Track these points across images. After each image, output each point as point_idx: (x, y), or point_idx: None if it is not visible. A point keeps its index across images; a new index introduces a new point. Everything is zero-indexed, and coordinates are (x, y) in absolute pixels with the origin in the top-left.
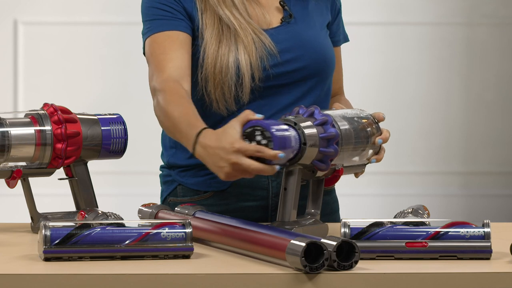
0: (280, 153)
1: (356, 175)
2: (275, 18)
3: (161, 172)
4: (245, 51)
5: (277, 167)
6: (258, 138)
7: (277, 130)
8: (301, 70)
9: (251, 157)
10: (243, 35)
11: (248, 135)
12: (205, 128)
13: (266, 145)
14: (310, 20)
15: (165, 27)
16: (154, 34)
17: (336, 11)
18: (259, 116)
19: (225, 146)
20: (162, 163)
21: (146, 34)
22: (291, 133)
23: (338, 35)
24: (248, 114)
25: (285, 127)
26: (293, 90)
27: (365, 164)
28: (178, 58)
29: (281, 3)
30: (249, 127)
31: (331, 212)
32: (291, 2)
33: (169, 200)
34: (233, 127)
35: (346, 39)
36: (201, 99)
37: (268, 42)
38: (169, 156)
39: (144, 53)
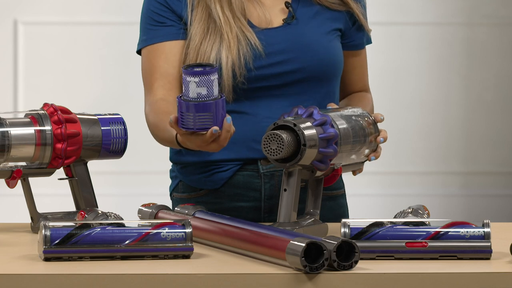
0: (214, 129)
1: (354, 173)
2: (277, 19)
3: (170, 167)
4: (227, 48)
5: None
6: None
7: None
8: (295, 72)
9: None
10: (227, 30)
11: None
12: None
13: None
14: (314, 22)
15: (151, 40)
16: (143, 48)
17: (360, 10)
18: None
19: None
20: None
21: (138, 45)
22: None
23: (360, 38)
24: None
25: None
26: (286, 92)
27: (364, 162)
28: (162, 75)
29: (286, 4)
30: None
31: (334, 217)
32: (299, 4)
33: (173, 195)
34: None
35: (368, 41)
36: None
37: (254, 40)
38: (173, 153)
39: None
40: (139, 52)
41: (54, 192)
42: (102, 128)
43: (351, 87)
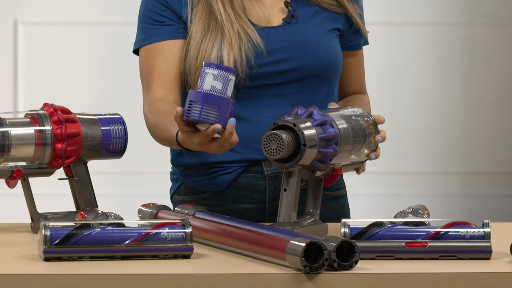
0: (217, 127)
1: (358, 171)
2: (276, 18)
3: (170, 170)
4: (229, 44)
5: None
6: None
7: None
8: (295, 71)
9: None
10: (228, 27)
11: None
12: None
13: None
14: (313, 22)
15: (150, 39)
16: (141, 48)
17: (357, 12)
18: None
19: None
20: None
21: (135, 44)
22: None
23: (357, 39)
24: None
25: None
26: (287, 91)
27: (364, 161)
28: (161, 74)
29: (286, 3)
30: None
31: (336, 217)
32: (298, 4)
33: (174, 198)
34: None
35: (365, 42)
36: (185, 93)
37: (255, 37)
38: (174, 155)
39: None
40: (136, 51)
41: (54, 192)
42: (102, 128)
43: (348, 88)
